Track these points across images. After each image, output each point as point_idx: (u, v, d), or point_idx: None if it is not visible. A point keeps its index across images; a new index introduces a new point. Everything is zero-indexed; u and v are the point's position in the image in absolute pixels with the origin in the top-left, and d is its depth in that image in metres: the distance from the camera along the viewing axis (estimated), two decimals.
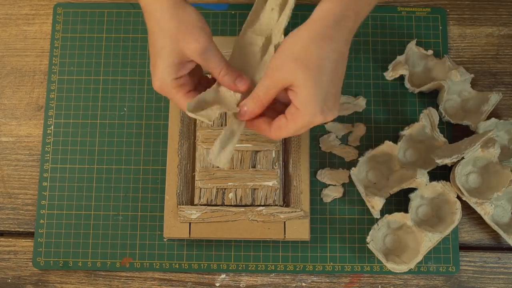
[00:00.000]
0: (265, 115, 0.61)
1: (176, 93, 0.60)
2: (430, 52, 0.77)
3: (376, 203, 0.71)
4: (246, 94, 0.62)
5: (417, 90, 0.77)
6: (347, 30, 0.57)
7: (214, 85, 0.63)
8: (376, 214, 0.72)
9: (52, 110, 0.78)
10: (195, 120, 0.75)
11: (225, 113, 0.74)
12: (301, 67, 0.55)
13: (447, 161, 0.70)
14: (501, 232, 0.72)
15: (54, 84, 0.79)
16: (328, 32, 0.56)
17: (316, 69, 0.55)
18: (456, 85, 0.76)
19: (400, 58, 0.77)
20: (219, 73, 0.60)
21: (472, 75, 0.76)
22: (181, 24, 0.59)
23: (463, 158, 0.70)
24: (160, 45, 0.59)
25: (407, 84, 0.77)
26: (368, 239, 0.71)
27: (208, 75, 0.68)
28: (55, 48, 0.80)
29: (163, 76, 0.60)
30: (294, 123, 0.58)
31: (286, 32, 0.62)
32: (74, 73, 0.79)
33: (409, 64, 0.78)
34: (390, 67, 0.78)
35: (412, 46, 0.77)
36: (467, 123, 0.75)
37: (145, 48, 0.80)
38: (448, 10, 0.82)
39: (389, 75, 0.77)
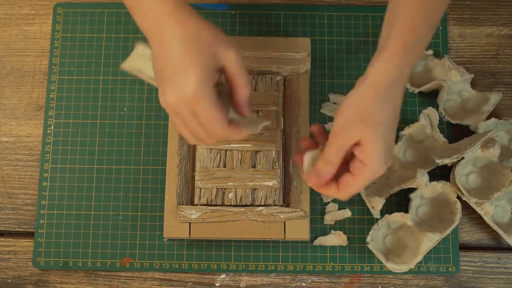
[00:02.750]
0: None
1: (213, 101, 0.56)
2: (430, 52, 0.77)
3: (376, 203, 0.71)
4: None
5: (417, 90, 0.77)
6: (404, 85, 0.61)
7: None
8: (376, 214, 0.72)
9: (52, 110, 0.78)
10: None
11: None
12: (369, 127, 0.58)
13: (447, 161, 0.70)
14: (501, 232, 0.72)
15: (54, 84, 0.79)
16: (390, 91, 0.59)
17: (382, 127, 0.59)
18: (456, 85, 0.76)
19: None
20: (244, 86, 0.59)
21: (472, 75, 0.76)
22: (215, 32, 0.58)
23: (463, 158, 0.70)
24: (194, 51, 0.56)
25: (407, 84, 0.77)
26: (368, 239, 0.71)
27: None
28: (55, 48, 0.80)
29: (202, 82, 0.55)
30: (362, 178, 0.60)
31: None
32: (74, 73, 0.79)
33: None
34: None
35: None
36: (467, 123, 0.75)
37: None
38: (448, 10, 0.82)
39: None
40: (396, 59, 0.59)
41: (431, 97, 0.78)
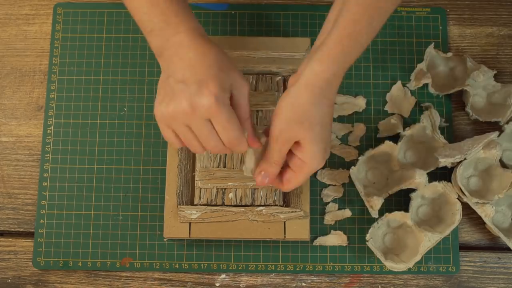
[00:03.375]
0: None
1: (231, 111, 0.60)
2: (450, 54, 0.77)
3: (374, 203, 0.71)
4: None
5: (442, 94, 0.77)
6: (338, 84, 0.62)
7: None
8: (374, 214, 0.72)
9: (52, 110, 0.78)
10: None
11: None
12: (306, 129, 0.61)
13: (450, 160, 0.70)
14: (501, 235, 0.72)
15: (54, 84, 0.79)
16: (323, 93, 0.61)
17: (318, 127, 0.61)
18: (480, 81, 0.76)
19: (420, 65, 0.77)
20: (247, 119, 0.62)
21: (495, 71, 0.76)
22: (232, 60, 0.62)
23: (465, 159, 0.70)
24: (215, 68, 0.59)
25: (431, 90, 0.77)
26: (368, 237, 0.71)
27: None
28: (55, 48, 0.80)
29: (221, 92, 0.58)
30: (302, 174, 0.64)
31: None
32: (74, 73, 0.79)
33: (430, 67, 0.78)
34: (412, 76, 0.77)
35: (430, 50, 0.77)
36: (497, 120, 0.75)
37: (145, 48, 0.80)
38: (448, 10, 0.82)
39: (412, 85, 0.77)
40: (333, 62, 0.60)
41: (455, 96, 0.78)
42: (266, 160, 0.64)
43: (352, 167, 0.73)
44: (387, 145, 0.73)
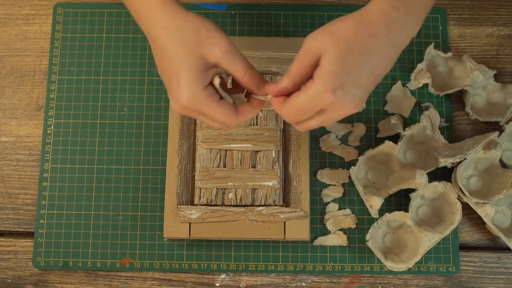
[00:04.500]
0: None
1: (211, 103, 0.57)
2: (450, 54, 0.77)
3: (374, 203, 0.71)
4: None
5: (442, 94, 0.77)
6: (404, 25, 0.56)
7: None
8: (374, 214, 0.72)
9: (52, 110, 0.78)
10: (195, 120, 0.75)
11: None
12: (332, 40, 0.53)
13: (451, 160, 0.70)
14: (501, 235, 0.72)
15: (54, 84, 0.79)
16: (371, 18, 0.55)
17: (345, 46, 0.53)
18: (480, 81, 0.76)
19: (420, 65, 0.77)
20: (243, 76, 0.58)
21: (495, 71, 0.76)
22: (198, 30, 0.56)
23: (465, 159, 0.70)
24: (180, 56, 0.56)
25: (431, 90, 0.77)
26: (368, 237, 0.71)
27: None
28: (55, 48, 0.80)
29: (192, 88, 0.56)
30: (304, 93, 0.55)
31: None
32: (74, 73, 0.79)
33: (430, 67, 0.78)
34: (412, 76, 0.77)
35: (430, 50, 0.77)
36: (497, 120, 0.75)
37: (145, 48, 0.80)
38: (448, 10, 0.82)
39: (412, 85, 0.77)
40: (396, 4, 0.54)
41: (455, 96, 0.78)
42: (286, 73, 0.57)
43: (352, 167, 0.73)
44: (387, 145, 0.73)
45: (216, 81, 0.58)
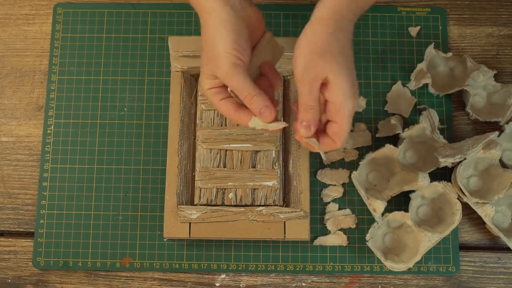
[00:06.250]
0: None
1: (214, 100, 0.63)
2: (450, 54, 0.77)
3: (378, 207, 0.71)
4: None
5: (442, 94, 0.77)
6: (351, 21, 0.62)
7: None
8: (378, 217, 0.72)
9: (52, 110, 0.78)
10: (195, 120, 0.75)
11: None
12: (329, 60, 0.59)
13: (451, 160, 0.70)
14: (501, 235, 0.72)
15: (54, 84, 0.79)
16: (338, 25, 0.60)
17: (342, 57, 0.59)
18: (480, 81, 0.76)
19: (420, 65, 0.77)
20: (243, 99, 0.61)
21: (495, 71, 0.76)
22: (208, 52, 0.62)
23: (465, 159, 0.70)
24: (203, 61, 0.63)
25: (431, 90, 0.77)
26: (368, 237, 0.71)
27: None
28: (55, 48, 0.80)
29: (203, 86, 0.63)
30: (343, 119, 0.60)
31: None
32: (74, 73, 0.79)
33: (430, 67, 0.78)
34: (412, 76, 0.77)
35: (430, 50, 0.77)
36: (497, 120, 0.75)
37: (145, 48, 0.80)
38: (448, 10, 0.82)
39: (412, 85, 0.77)
40: None
41: (456, 97, 0.78)
42: (301, 108, 0.61)
43: (354, 172, 0.73)
44: (388, 148, 0.73)
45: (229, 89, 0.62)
